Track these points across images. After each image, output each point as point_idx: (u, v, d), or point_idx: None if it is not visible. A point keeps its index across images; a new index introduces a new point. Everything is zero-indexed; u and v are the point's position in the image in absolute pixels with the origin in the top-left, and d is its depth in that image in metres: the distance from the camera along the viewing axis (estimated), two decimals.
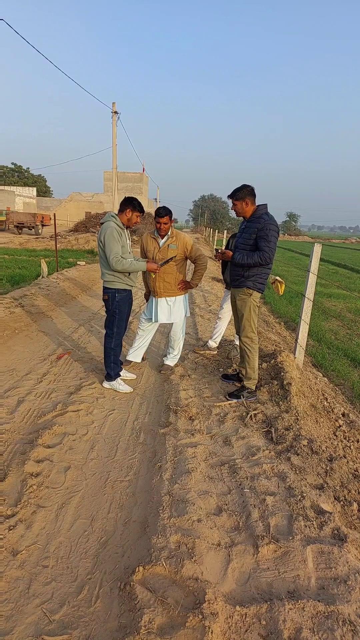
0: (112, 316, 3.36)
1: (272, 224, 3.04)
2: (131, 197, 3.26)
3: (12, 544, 1.81)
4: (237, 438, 2.75)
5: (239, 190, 3.13)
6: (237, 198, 3.15)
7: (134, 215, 3.24)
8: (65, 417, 2.92)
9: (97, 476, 2.35)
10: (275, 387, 3.40)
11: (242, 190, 3.12)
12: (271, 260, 3.08)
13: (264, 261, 3.04)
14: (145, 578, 1.64)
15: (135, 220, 3.26)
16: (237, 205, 3.18)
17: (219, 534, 1.89)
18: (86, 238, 18.67)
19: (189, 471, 2.34)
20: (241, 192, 3.12)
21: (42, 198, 50.52)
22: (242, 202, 3.15)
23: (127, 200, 3.23)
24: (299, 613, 1.48)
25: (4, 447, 2.55)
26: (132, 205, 3.21)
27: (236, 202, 3.17)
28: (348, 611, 1.50)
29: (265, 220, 3.04)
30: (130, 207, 3.21)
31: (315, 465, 2.43)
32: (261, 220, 3.06)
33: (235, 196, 3.15)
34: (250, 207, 3.16)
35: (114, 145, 20.44)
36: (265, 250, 3.01)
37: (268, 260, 3.04)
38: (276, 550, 1.79)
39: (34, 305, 6.07)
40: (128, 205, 3.21)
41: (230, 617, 1.47)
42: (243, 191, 3.12)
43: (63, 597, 1.59)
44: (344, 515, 2.07)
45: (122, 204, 3.23)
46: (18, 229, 24.01)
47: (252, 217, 3.15)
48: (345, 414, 3.11)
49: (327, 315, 7.97)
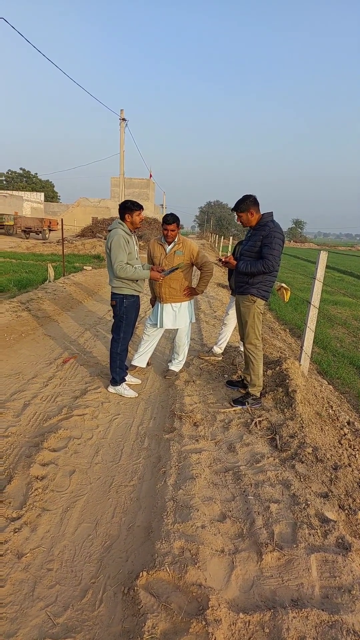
0: (120, 321, 3.39)
1: (277, 231, 3.06)
2: (124, 201, 3.29)
3: (17, 546, 1.82)
4: (241, 445, 2.75)
5: (242, 202, 3.17)
6: (241, 210, 3.18)
7: (135, 215, 3.26)
8: (70, 421, 2.94)
9: (102, 480, 2.36)
10: (280, 394, 3.40)
11: (245, 201, 3.15)
12: (275, 268, 3.09)
13: (267, 269, 3.05)
14: (149, 583, 1.65)
15: (138, 219, 3.27)
16: (243, 217, 3.21)
17: (223, 541, 1.89)
18: (93, 243, 18.80)
19: (193, 477, 2.34)
20: (244, 204, 3.16)
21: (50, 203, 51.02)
22: (246, 213, 3.18)
23: (121, 206, 3.26)
24: (302, 622, 1.47)
25: (10, 449, 2.57)
26: (127, 210, 3.23)
27: (241, 214, 3.20)
28: (352, 621, 1.49)
29: (270, 227, 3.06)
30: (127, 211, 3.23)
31: (319, 473, 2.42)
32: (266, 227, 3.08)
33: (239, 208, 3.19)
34: (256, 216, 3.19)
35: (122, 151, 20.65)
36: (268, 258, 3.03)
37: (271, 268, 3.06)
38: (280, 558, 1.79)
39: (41, 310, 6.12)
40: (125, 211, 3.24)
41: (233, 624, 1.47)
42: (246, 202, 3.15)
43: (67, 600, 1.60)
44: (349, 524, 2.06)
45: (120, 212, 3.27)
46: (25, 233, 24.25)
47: (258, 225, 3.18)
48: (350, 422, 3.09)
49: (333, 323, 7.95)
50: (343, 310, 9.44)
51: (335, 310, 9.39)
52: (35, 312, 5.93)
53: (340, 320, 8.27)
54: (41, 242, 20.67)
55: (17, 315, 5.56)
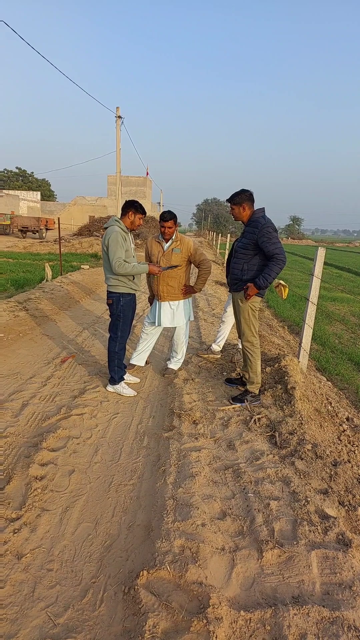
0: (116, 320, 3.38)
1: (268, 226, 3.04)
2: (133, 200, 3.29)
3: (16, 547, 1.82)
4: (241, 442, 2.75)
5: (237, 195, 3.16)
6: (234, 202, 3.17)
7: (137, 217, 3.26)
8: (69, 421, 2.93)
9: (101, 480, 2.35)
10: (279, 391, 3.40)
11: (240, 195, 3.15)
12: (285, 257, 3.04)
13: (282, 261, 3.00)
14: (150, 582, 1.64)
15: (138, 222, 3.29)
16: (235, 210, 3.21)
17: (223, 539, 1.89)
18: (90, 242, 18.76)
19: (193, 475, 2.34)
20: (239, 197, 3.15)
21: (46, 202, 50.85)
22: (239, 207, 3.17)
23: (129, 203, 3.26)
24: (303, 618, 1.47)
25: (9, 450, 2.56)
26: (134, 208, 3.24)
27: (234, 207, 3.20)
28: (353, 617, 1.49)
29: (261, 224, 3.04)
30: (132, 209, 3.24)
31: (319, 469, 2.42)
32: (258, 224, 3.06)
33: (233, 200, 3.18)
34: (248, 212, 3.18)
35: (118, 149, 20.58)
36: (275, 252, 2.99)
37: (283, 258, 3.01)
38: (280, 555, 1.79)
39: (38, 309, 6.10)
40: (130, 208, 3.24)
41: (234, 622, 1.47)
42: (241, 196, 3.14)
43: (67, 600, 1.60)
44: (349, 520, 2.06)
45: (124, 207, 3.26)
46: (22, 232, 24.15)
47: (250, 221, 3.17)
48: (349, 418, 3.10)
49: (331, 319, 7.96)
50: (341, 307, 9.45)
51: (334, 307, 9.40)
52: (33, 312, 5.91)
53: (338, 317, 8.27)
54: (38, 242, 20.60)
55: (14, 315, 5.55)
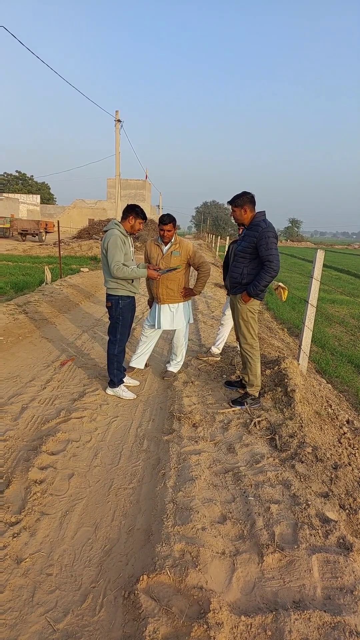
0: (116, 323, 3.37)
1: (269, 230, 3.04)
2: (134, 204, 3.30)
3: (16, 551, 1.80)
4: (241, 445, 2.74)
5: (238, 197, 3.15)
6: (236, 205, 3.17)
7: (137, 222, 3.27)
8: (68, 424, 2.92)
9: (101, 483, 2.34)
10: (279, 393, 3.39)
11: (242, 197, 3.14)
12: (278, 266, 3.06)
13: (274, 270, 3.01)
14: (150, 587, 1.63)
15: (138, 227, 3.29)
16: (236, 212, 3.20)
17: (224, 543, 1.88)
18: (89, 245, 18.79)
19: (193, 479, 2.33)
20: (240, 199, 3.15)
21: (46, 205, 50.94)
22: (240, 209, 3.17)
23: (130, 207, 3.27)
24: (305, 623, 1.46)
25: (9, 453, 2.55)
26: (135, 213, 3.24)
27: (235, 209, 3.20)
28: (355, 622, 1.48)
29: (262, 228, 3.04)
30: (133, 214, 3.24)
31: (320, 472, 2.42)
32: (259, 228, 3.06)
33: (234, 203, 3.17)
34: (249, 215, 3.18)
35: (117, 152, 20.63)
36: (270, 259, 2.99)
37: (276, 267, 3.02)
38: (281, 559, 1.78)
39: (38, 312, 6.10)
40: (131, 213, 3.24)
41: (235, 627, 1.46)
42: (243, 198, 3.14)
43: (67, 605, 1.59)
44: (350, 524, 2.05)
45: (125, 211, 3.26)
46: (22, 236, 24.18)
47: (251, 224, 3.17)
48: (349, 420, 3.09)
49: (331, 322, 7.96)
50: (341, 309, 9.46)
51: (333, 309, 9.41)
52: (33, 315, 5.90)
53: (338, 319, 8.28)
54: (38, 245, 20.63)
55: (14, 318, 5.54)
